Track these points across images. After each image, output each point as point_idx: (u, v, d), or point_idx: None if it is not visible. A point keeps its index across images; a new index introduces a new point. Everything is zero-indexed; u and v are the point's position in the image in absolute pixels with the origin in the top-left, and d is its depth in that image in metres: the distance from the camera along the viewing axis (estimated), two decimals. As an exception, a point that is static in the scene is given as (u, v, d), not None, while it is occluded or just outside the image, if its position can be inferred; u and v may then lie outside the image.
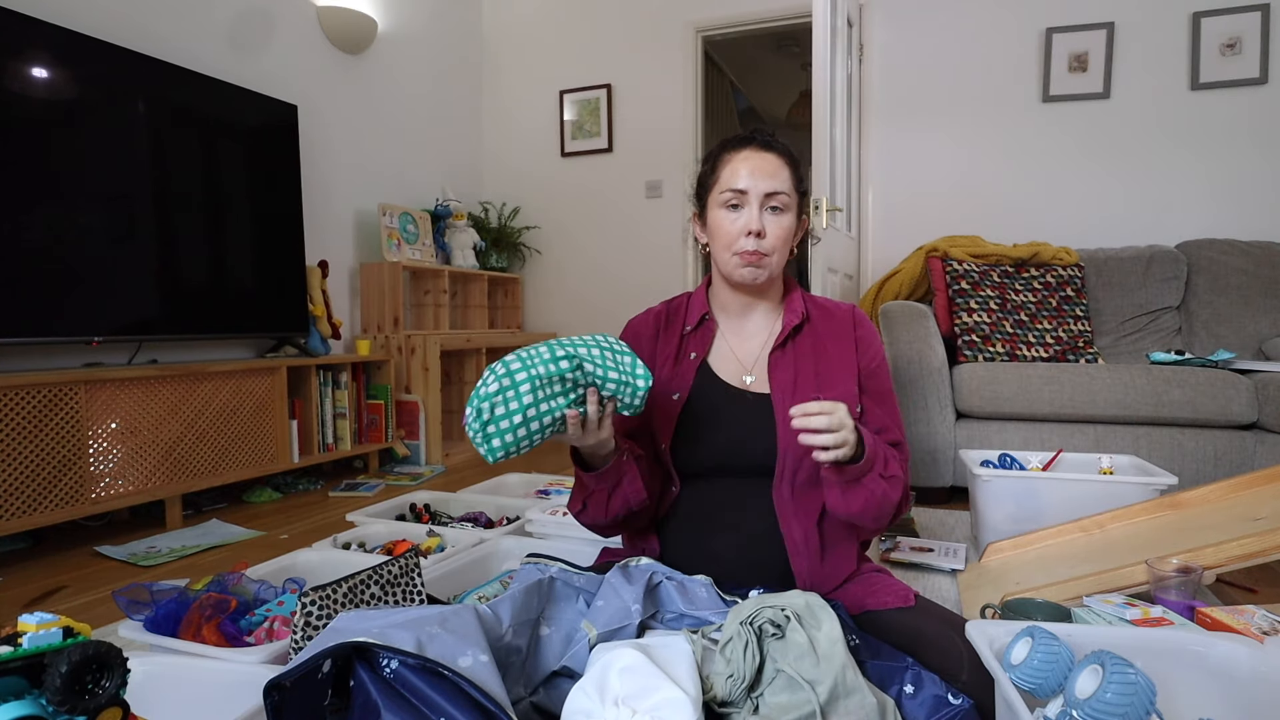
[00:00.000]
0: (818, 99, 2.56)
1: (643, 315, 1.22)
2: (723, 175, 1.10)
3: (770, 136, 1.12)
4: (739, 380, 1.13)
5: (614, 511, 1.06)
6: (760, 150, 1.09)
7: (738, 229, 1.07)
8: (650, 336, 1.19)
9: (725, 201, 1.08)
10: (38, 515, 1.85)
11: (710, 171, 1.13)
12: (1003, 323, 2.55)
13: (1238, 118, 2.88)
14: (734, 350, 1.16)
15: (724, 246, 1.09)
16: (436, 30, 3.80)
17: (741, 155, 1.09)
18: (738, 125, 5.84)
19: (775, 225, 1.07)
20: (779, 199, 1.07)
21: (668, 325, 1.19)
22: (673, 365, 1.15)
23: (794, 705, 0.78)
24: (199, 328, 2.41)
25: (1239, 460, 2.09)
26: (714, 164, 1.13)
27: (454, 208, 3.59)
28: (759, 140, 1.10)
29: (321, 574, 1.44)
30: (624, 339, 1.20)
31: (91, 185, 2.09)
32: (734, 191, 1.07)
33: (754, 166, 1.07)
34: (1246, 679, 0.80)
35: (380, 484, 2.70)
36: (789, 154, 1.11)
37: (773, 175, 1.07)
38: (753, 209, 1.06)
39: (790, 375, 1.10)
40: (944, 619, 1.01)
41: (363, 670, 0.75)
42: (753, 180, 1.06)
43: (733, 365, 1.14)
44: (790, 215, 1.09)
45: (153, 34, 2.40)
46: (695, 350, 1.15)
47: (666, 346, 1.17)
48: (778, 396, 1.08)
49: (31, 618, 0.61)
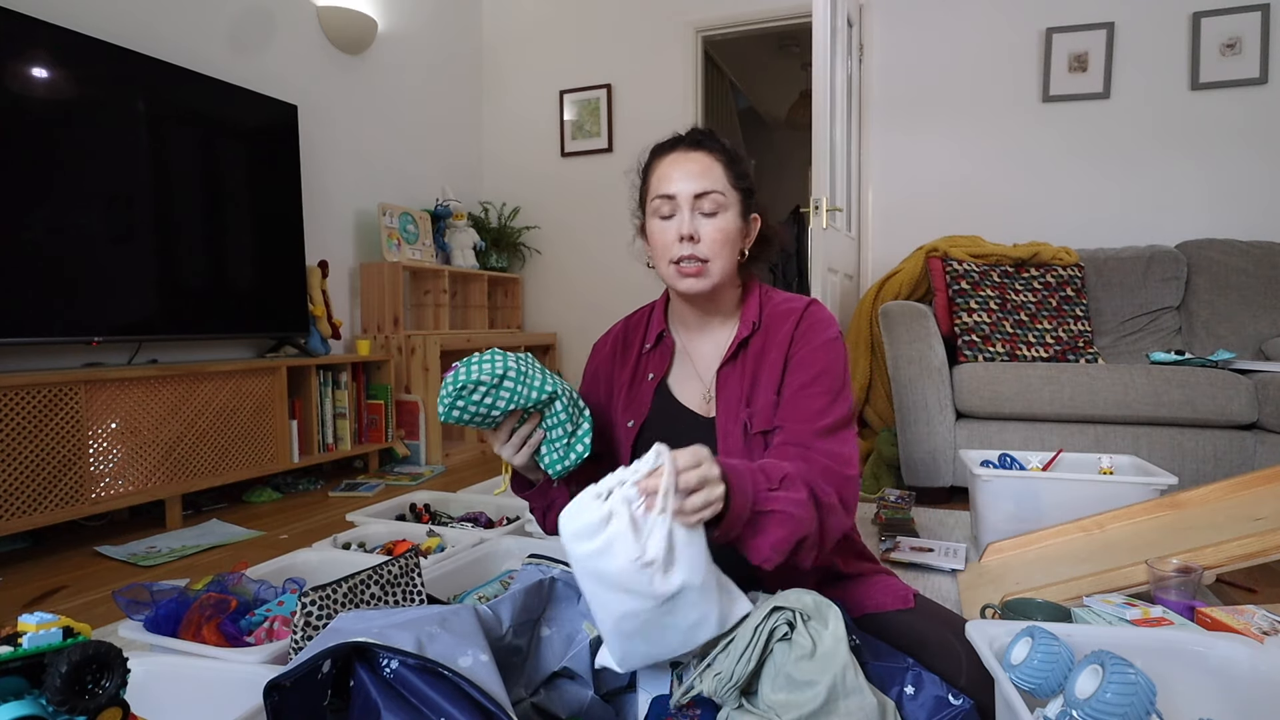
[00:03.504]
0: (818, 99, 2.56)
1: (604, 336, 1.17)
2: (652, 182, 1.04)
3: (703, 134, 1.04)
4: (699, 401, 1.06)
5: (551, 526, 1.02)
6: (688, 150, 1.02)
7: (670, 237, 1.00)
8: (607, 360, 1.13)
9: (657, 210, 1.01)
10: (38, 515, 1.85)
11: (643, 181, 1.07)
12: (1003, 323, 2.55)
13: (1237, 118, 2.88)
14: (695, 368, 1.09)
15: (661, 257, 1.02)
16: (436, 30, 3.80)
17: (669, 159, 1.02)
18: (738, 125, 5.84)
19: (710, 228, 0.99)
20: (711, 199, 0.99)
21: (625, 347, 1.14)
22: (628, 390, 1.09)
23: (794, 704, 0.78)
24: (199, 328, 2.41)
25: (1239, 460, 2.09)
26: (645, 173, 1.07)
27: (454, 208, 3.59)
28: (687, 140, 1.04)
29: (321, 574, 1.44)
30: (587, 368, 1.17)
31: (91, 185, 2.09)
32: (663, 198, 1.00)
33: (682, 169, 1.00)
34: (1246, 679, 0.80)
35: (380, 484, 2.70)
36: (723, 149, 1.03)
37: (702, 175, 0.99)
38: (683, 213, 0.99)
39: (736, 393, 1.02)
40: (944, 619, 1.01)
41: (362, 670, 0.75)
42: (680, 183, 0.99)
43: (693, 384, 1.08)
44: (729, 215, 1.00)
45: (153, 34, 2.40)
46: (653, 371, 1.09)
47: (623, 371, 1.11)
48: (721, 420, 1.01)
49: (31, 618, 0.61)
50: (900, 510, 2.04)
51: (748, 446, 0.99)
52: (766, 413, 0.99)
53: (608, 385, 1.12)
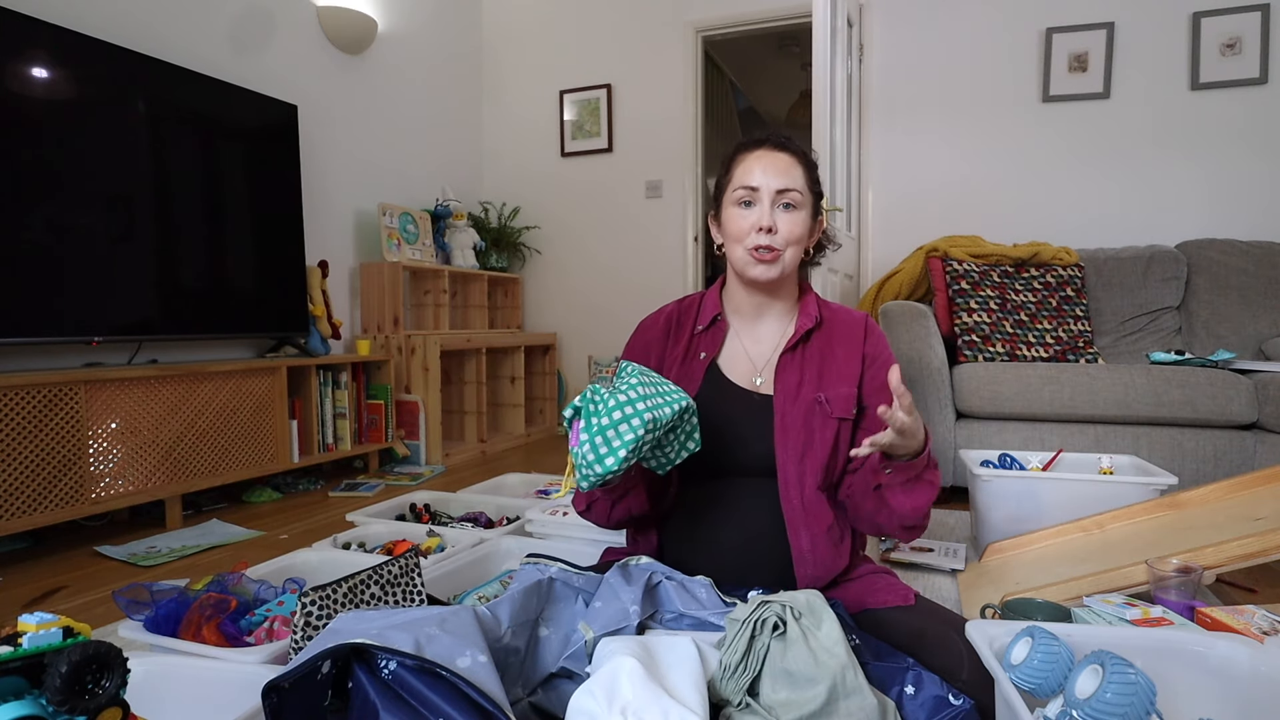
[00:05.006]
0: (818, 99, 2.56)
1: (653, 316, 1.23)
2: (736, 174, 1.12)
3: (786, 138, 1.13)
4: (748, 381, 1.14)
5: (616, 517, 1.08)
6: (774, 150, 1.11)
7: (749, 224, 1.08)
8: (659, 338, 1.20)
9: (738, 199, 1.10)
10: (38, 515, 1.85)
11: (725, 172, 1.15)
12: (1003, 323, 2.55)
13: (1237, 118, 2.88)
14: (746, 351, 1.16)
15: (736, 241, 1.11)
16: (436, 30, 3.80)
17: (755, 155, 1.11)
18: (738, 125, 5.84)
19: (787, 222, 1.08)
20: (791, 196, 1.08)
21: (678, 325, 1.21)
22: (681, 365, 1.16)
23: (794, 704, 0.78)
24: (199, 328, 2.41)
25: (1239, 460, 2.09)
26: (729, 164, 1.15)
27: (454, 208, 3.59)
28: (773, 140, 1.12)
29: (321, 574, 1.44)
30: (633, 341, 1.22)
31: (91, 185, 2.09)
32: (746, 189, 1.09)
33: (766, 165, 1.09)
34: (1246, 679, 0.80)
35: (380, 484, 2.70)
36: (804, 155, 1.13)
37: (785, 173, 1.08)
38: (764, 205, 1.08)
39: (796, 378, 1.10)
40: (944, 619, 1.01)
41: (361, 671, 0.75)
42: (765, 177, 1.08)
43: (744, 366, 1.15)
44: (803, 213, 1.10)
45: (153, 34, 2.40)
46: (705, 350, 1.16)
47: (675, 347, 1.18)
48: (780, 399, 1.09)
49: (31, 618, 0.61)
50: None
51: (809, 425, 1.07)
52: (847, 402, 1.09)
53: (659, 361, 1.18)
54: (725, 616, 0.91)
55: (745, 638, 0.82)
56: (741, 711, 0.80)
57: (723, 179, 1.16)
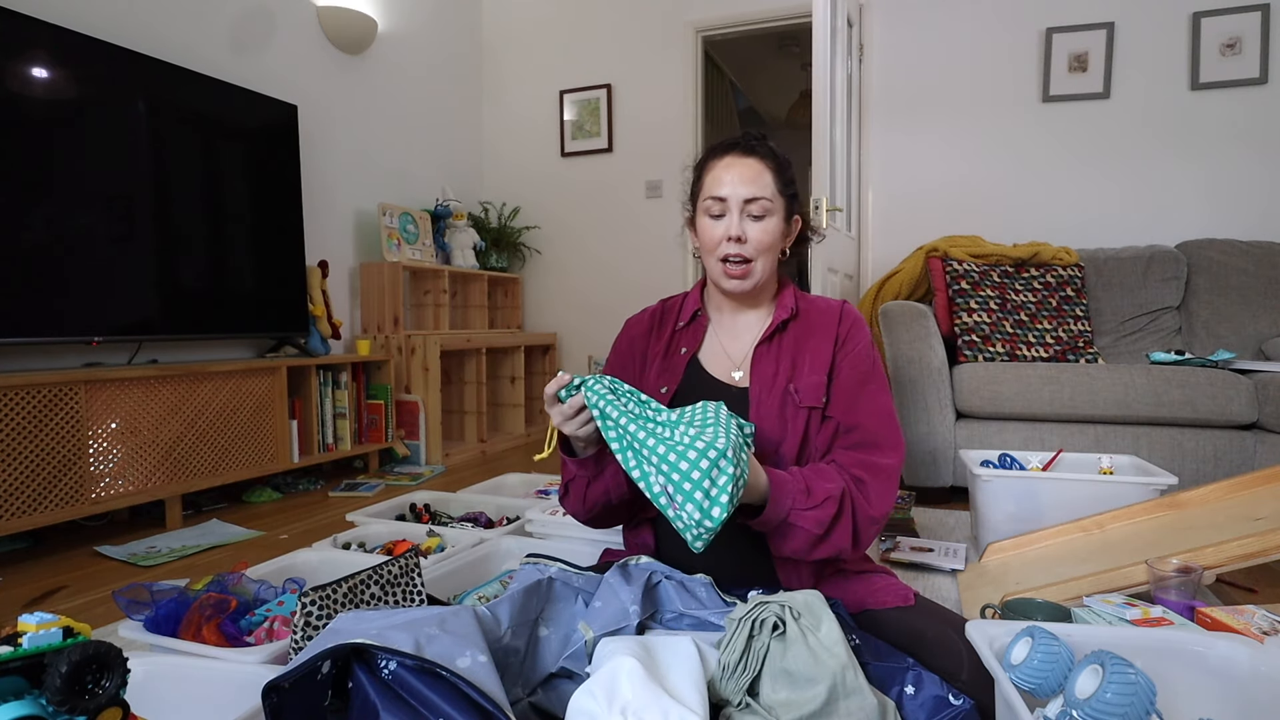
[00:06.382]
0: (818, 99, 2.56)
1: (639, 315, 1.25)
2: (706, 182, 1.12)
3: (755, 140, 1.12)
4: (727, 375, 1.14)
5: (592, 500, 1.08)
6: (741, 156, 1.10)
7: (719, 235, 1.09)
8: (644, 334, 1.21)
9: (708, 209, 1.10)
10: (38, 515, 1.85)
11: (696, 179, 1.15)
12: (1003, 323, 2.55)
13: (1237, 118, 2.88)
14: (724, 346, 1.17)
15: (709, 252, 1.11)
16: (436, 30, 3.80)
17: (723, 162, 1.10)
18: (738, 125, 5.84)
19: (757, 231, 1.08)
20: (759, 204, 1.07)
21: (661, 322, 1.22)
22: (662, 360, 1.17)
23: (794, 704, 0.78)
24: (199, 328, 2.41)
25: (1239, 460, 2.09)
26: (700, 171, 1.15)
27: (454, 208, 3.59)
28: (741, 145, 1.11)
29: (321, 574, 1.44)
30: (620, 339, 1.23)
31: (91, 185, 2.09)
32: (715, 199, 1.09)
33: (734, 174, 1.08)
34: (1246, 679, 0.80)
35: (380, 484, 2.70)
36: (773, 156, 1.11)
37: (752, 181, 1.08)
38: (733, 216, 1.08)
39: (772, 370, 1.10)
40: (944, 619, 1.01)
41: (361, 671, 0.75)
42: (732, 187, 1.08)
43: (723, 360, 1.16)
44: (774, 219, 1.09)
45: (153, 34, 2.40)
46: (686, 345, 1.17)
47: (658, 343, 1.20)
48: (755, 390, 1.09)
49: (31, 618, 0.61)
50: (900, 510, 2.04)
51: (783, 415, 1.07)
52: (816, 391, 1.08)
53: (642, 356, 1.20)
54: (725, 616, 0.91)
55: (743, 637, 0.82)
56: (741, 711, 0.80)
57: (694, 186, 1.16)
